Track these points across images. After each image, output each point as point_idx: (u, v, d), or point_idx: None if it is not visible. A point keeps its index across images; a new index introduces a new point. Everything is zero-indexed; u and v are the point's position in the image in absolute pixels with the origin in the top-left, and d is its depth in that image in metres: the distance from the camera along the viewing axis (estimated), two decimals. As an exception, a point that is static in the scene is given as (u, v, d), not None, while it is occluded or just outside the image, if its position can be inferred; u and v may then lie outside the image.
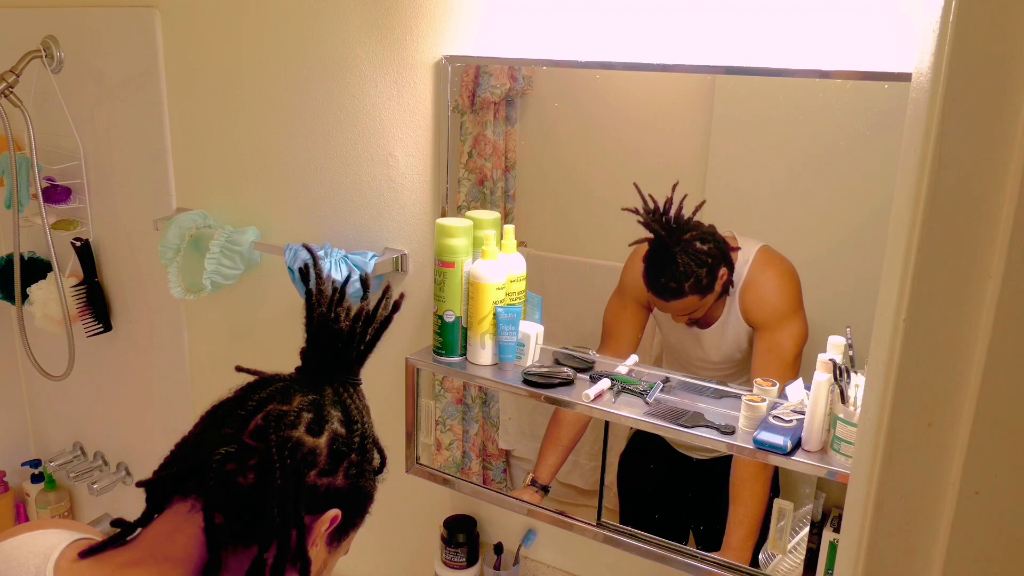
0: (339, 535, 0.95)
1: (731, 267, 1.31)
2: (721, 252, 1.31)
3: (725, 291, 1.33)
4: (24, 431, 2.64)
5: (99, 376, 2.35)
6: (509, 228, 1.44)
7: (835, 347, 1.18)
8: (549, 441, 1.57)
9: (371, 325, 0.97)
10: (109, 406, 2.37)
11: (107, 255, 2.20)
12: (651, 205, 1.32)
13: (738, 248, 1.31)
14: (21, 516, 2.60)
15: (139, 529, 0.91)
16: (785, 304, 1.32)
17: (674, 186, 1.30)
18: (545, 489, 1.56)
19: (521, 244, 1.47)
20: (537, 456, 1.58)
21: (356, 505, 0.96)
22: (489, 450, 1.67)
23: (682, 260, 1.31)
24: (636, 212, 1.32)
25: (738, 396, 1.30)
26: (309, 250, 1.07)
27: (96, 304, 2.22)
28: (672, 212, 1.30)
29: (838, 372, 1.15)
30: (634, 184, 1.33)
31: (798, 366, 1.30)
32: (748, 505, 1.34)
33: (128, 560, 0.88)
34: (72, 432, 2.53)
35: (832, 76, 1.17)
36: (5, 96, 1.99)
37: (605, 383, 1.37)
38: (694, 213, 1.30)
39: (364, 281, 1.04)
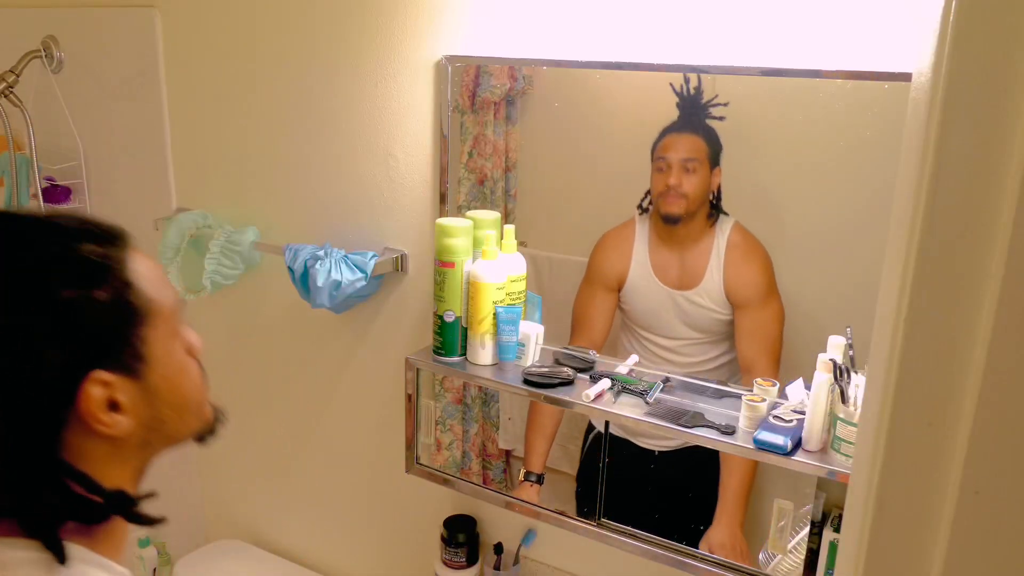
0: (133, 365, 0.72)
1: (718, 194, 1.34)
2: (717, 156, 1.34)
3: (711, 210, 1.34)
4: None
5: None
6: (509, 228, 1.44)
7: (835, 347, 1.18)
8: (533, 430, 1.58)
9: None
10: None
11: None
12: (688, 88, 1.32)
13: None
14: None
15: None
16: (765, 280, 1.33)
17: (699, 78, 1.30)
18: (540, 479, 1.56)
19: (521, 244, 1.47)
20: (525, 447, 1.59)
21: (105, 337, 0.70)
22: (489, 450, 1.67)
23: (703, 120, 1.33)
24: (674, 90, 1.32)
25: (738, 396, 1.31)
26: None
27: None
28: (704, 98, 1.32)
29: (838, 372, 1.15)
30: (671, 85, 1.32)
31: (780, 349, 1.33)
32: (736, 475, 1.37)
33: None
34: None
35: (831, 76, 1.17)
36: (5, 96, 1.99)
37: (605, 383, 1.37)
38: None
39: None
